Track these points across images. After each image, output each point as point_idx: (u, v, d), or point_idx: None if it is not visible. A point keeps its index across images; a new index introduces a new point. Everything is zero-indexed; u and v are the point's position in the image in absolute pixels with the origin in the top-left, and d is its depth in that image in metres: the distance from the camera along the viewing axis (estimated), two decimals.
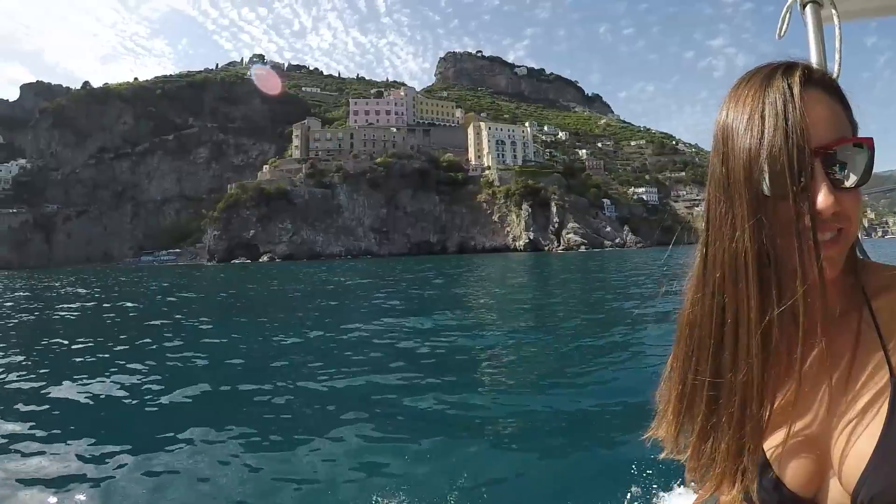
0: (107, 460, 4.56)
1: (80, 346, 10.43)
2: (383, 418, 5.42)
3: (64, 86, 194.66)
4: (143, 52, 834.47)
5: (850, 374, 0.62)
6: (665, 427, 0.77)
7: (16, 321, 15.56)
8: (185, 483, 4.13)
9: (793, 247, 0.60)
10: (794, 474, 0.63)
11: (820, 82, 0.62)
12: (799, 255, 0.60)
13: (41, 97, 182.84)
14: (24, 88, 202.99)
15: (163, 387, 7.02)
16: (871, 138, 0.60)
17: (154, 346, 10.15)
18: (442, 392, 6.28)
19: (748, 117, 0.62)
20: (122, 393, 6.87)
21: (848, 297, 0.67)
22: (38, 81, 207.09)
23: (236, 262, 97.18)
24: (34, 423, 5.62)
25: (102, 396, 6.76)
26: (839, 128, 0.61)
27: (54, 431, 5.40)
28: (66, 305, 20.02)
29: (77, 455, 4.70)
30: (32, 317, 16.78)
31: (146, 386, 7.15)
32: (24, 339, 12.33)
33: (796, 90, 0.60)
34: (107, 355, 9.35)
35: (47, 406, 6.37)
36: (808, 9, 1.28)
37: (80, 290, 29.08)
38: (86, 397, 6.73)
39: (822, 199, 0.58)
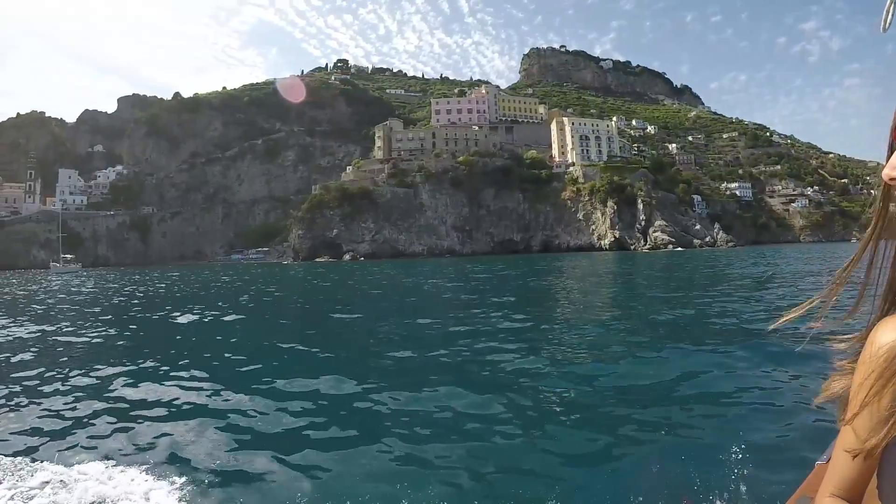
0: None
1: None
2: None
3: (158, 97, 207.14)
4: (236, 62, 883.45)
5: None
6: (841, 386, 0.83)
7: None
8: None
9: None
10: None
11: None
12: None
13: (137, 108, 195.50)
14: (121, 101, 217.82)
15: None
16: None
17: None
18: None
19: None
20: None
21: None
22: (133, 94, 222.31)
23: (319, 260, 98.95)
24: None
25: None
26: None
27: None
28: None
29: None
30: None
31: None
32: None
33: None
34: None
35: None
36: None
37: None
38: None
39: (887, 167, 0.74)
